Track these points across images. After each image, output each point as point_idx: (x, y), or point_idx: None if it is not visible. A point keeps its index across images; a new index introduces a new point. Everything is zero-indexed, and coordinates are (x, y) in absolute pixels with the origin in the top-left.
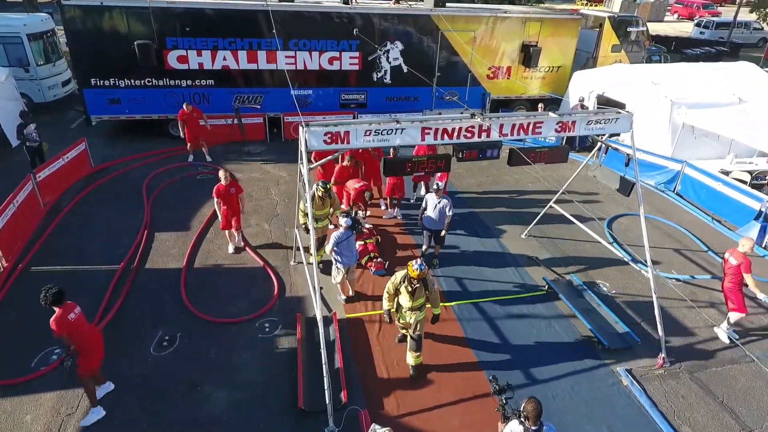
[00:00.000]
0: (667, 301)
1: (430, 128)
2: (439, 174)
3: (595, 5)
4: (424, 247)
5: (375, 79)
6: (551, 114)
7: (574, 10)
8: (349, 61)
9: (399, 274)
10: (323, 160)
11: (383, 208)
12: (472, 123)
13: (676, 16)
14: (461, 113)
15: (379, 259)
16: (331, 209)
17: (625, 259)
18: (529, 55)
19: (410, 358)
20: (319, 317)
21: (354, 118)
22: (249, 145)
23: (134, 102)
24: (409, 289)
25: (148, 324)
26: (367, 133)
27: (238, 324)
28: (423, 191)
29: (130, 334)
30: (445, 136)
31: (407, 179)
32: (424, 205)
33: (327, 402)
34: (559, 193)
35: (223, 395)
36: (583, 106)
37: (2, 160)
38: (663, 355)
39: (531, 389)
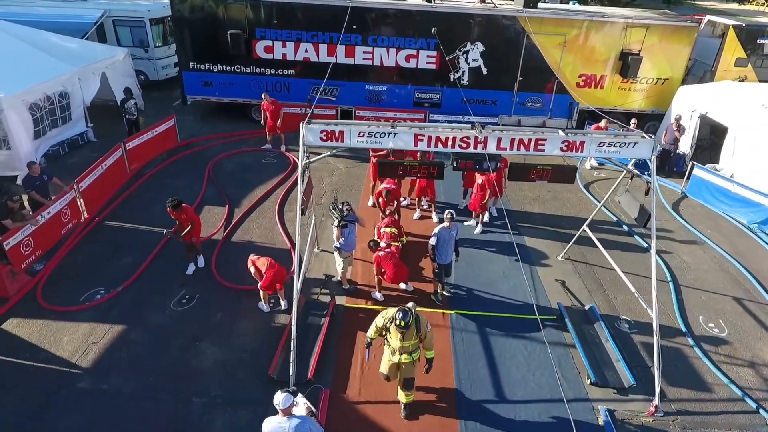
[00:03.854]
0: (691, 350)
1: (423, 135)
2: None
3: None
4: (440, 287)
5: (452, 80)
6: (560, 132)
7: (699, 17)
8: (426, 59)
9: (391, 310)
10: (320, 156)
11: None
12: (468, 134)
13: None
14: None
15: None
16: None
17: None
18: (627, 65)
19: (401, 396)
20: (295, 297)
21: (426, 117)
22: None
23: (224, 86)
24: (399, 331)
25: (177, 282)
26: (361, 134)
27: (248, 294)
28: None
29: (160, 289)
30: (439, 145)
31: (451, 184)
32: (435, 240)
33: (290, 374)
34: (590, 218)
35: (214, 352)
36: (679, 126)
37: (113, 128)
38: (656, 402)
39: (497, 406)
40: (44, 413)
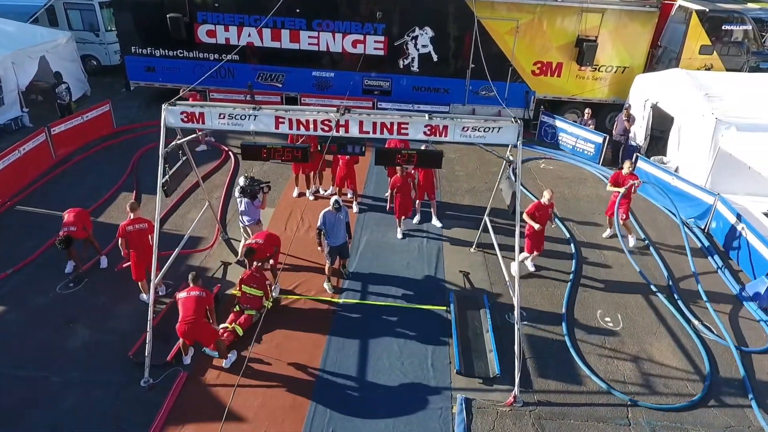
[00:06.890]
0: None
1: (284, 118)
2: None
3: None
4: (328, 266)
5: (401, 66)
6: (426, 116)
7: (669, 2)
8: (373, 45)
9: None
10: (185, 139)
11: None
12: (329, 117)
13: None
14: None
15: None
16: None
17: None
18: (582, 51)
19: None
20: (153, 279)
21: (374, 105)
22: None
23: (167, 71)
24: None
25: (69, 267)
26: (221, 116)
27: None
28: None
29: (50, 272)
30: (301, 127)
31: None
32: (320, 223)
33: (146, 354)
34: (488, 208)
35: (86, 334)
36: (629, 116)
37: (53, 114)
38: (515, 393)
39: (354, 392)
40: None
